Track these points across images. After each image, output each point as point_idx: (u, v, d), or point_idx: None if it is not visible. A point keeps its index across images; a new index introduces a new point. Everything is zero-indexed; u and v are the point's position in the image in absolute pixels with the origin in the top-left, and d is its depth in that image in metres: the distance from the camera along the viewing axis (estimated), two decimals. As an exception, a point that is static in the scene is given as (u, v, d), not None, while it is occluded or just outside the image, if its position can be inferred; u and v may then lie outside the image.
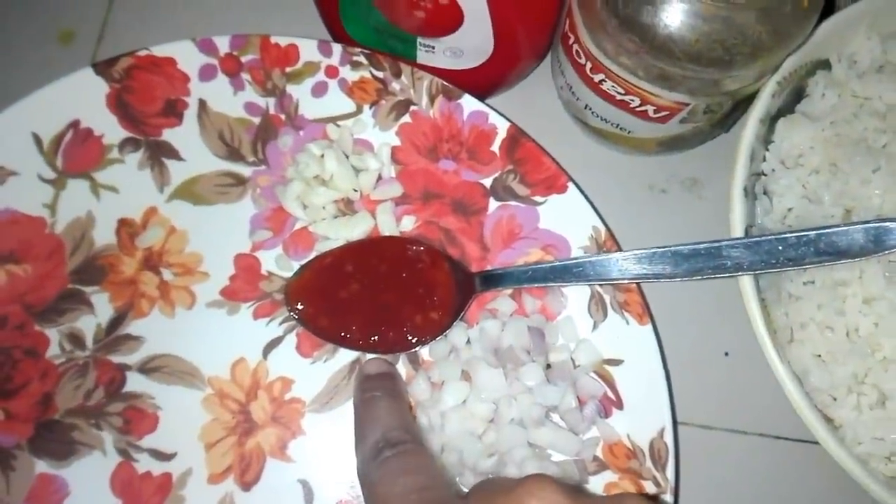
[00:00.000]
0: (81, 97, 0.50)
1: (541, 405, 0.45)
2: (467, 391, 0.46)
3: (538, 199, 0.50)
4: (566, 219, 0.50)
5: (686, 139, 0.49)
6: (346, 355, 0.49)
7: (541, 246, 0.50)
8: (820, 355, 0.44)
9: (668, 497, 0.45)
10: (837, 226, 0.42)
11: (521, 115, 0.51)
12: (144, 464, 0.47)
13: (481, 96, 0.51)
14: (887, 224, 0.41)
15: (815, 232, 0.42)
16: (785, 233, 0.43)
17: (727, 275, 0.43)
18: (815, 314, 0.44)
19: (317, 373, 0.49)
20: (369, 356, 0.48)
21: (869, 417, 0.43)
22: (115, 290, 0.50)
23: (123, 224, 0.50)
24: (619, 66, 0.43)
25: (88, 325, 0.49)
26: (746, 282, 0.43)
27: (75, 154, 0.50)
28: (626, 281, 0.46)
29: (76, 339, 0.49)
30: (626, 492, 0.45)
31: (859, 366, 0.43)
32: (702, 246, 0.44)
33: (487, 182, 0.51)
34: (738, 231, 0.44)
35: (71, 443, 0.47)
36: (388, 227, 0.50)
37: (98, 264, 0.50)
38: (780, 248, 0.42)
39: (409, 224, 0.51)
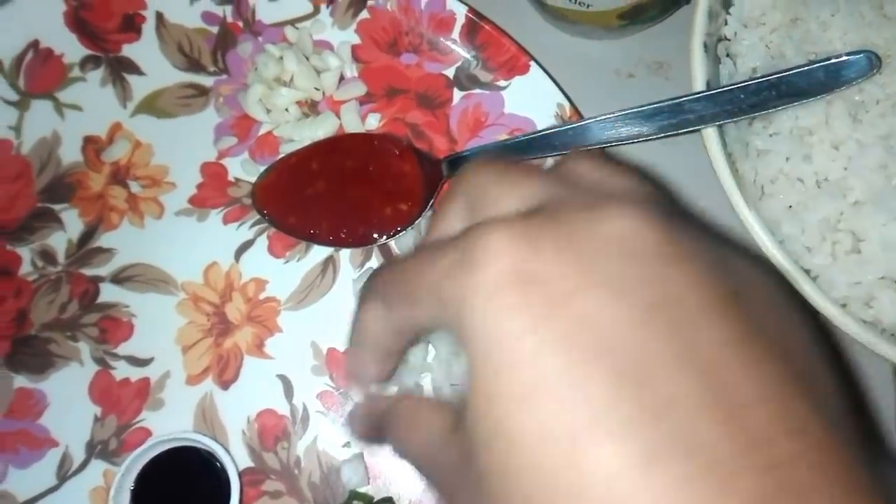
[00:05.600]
0: (39, 17, 0.50)
1: None
2: None
3: (502, 83, 0.50)
4: (531, 100, 0.49)
5: (648, 8, 0.48)
6: (319, 253, 0.49)
7: (507, 131, 0.50)
8: (791, 206, 0.43)
9: None
10: (797, 67, 0.41)
11: (478, 3, 0.51)
12: (122, 371, 0.47)
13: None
14: (845, 58, 0.40)
15: (775, 76, 0.41)
16: (745, 81, 0.42)
17: (692, 129, 0.43)
18: (784, 166, 0.43)
19: (290, 272, 0.48)
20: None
21: (845, 263, 0.42)
22: (85, 205, 0.49)
23: (89, 141, 0.50)
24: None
25: (59, 241, 0.49)
26: (711, 134, 0.42)
27: (37, 74, 0.50)
28: (593, 147, 0.45)
29: (48, 255, 0.49)
30: None
31: (831, 211, 0.42)
32: (664, 104, 0.43)
33: (450, 72, 0.51)
34: (699, 85, 0.43)
35: (48, 356, 0.47)
36: (353, 127, 0.50)
37: (66, 182, 0.50)
38: (742, 95, 0.42)
39: (374, 122, 0.50)
